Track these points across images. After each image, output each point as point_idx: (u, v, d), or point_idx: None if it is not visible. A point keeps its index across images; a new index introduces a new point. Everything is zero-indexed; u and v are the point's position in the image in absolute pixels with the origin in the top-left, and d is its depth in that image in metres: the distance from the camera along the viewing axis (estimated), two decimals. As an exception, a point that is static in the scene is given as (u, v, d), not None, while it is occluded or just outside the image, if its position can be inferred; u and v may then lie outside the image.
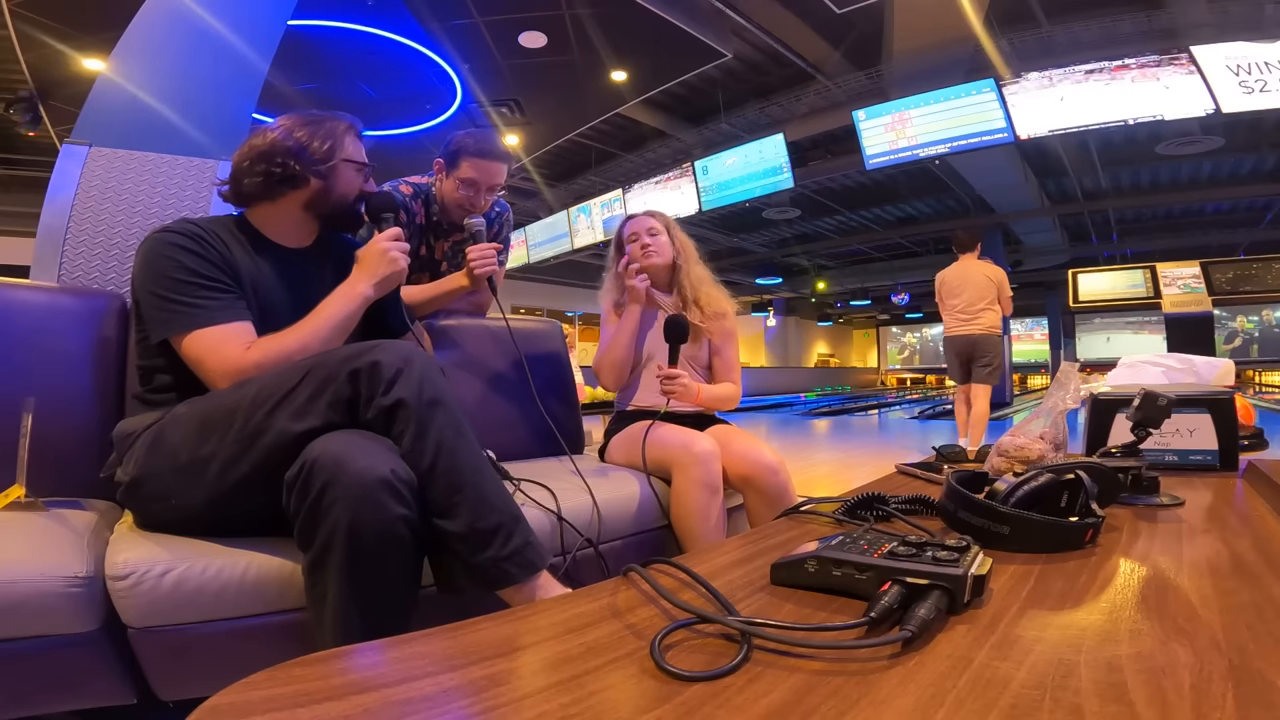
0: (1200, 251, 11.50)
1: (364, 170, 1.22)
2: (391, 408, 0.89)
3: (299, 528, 0.83)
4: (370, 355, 0.90)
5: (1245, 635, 0.46)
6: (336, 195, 1.18)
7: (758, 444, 1.53)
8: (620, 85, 6.80)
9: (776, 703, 0.37)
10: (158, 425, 0.98)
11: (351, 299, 1.11)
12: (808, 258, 14.86)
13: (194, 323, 1.01)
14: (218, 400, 0.95)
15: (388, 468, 0.83)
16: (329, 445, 0.83)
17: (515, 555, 0.90)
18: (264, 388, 0.91)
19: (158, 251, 1.03)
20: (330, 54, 5.89)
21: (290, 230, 1.19)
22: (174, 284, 1.01)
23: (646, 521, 1.42)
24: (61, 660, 0.81)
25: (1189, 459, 1.15)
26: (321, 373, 0.89)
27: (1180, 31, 5.93)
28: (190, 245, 1.03)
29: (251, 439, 0.88)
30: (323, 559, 0.81)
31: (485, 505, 0.90)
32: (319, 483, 0.80)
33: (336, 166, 1.17)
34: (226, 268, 1.06)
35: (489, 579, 0.88)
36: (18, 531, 0.88)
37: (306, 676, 0.41)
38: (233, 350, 1.01)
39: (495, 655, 0.45)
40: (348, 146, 1.19)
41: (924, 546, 0.54)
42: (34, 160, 7.65)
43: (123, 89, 1.97)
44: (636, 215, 1.84)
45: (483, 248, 1.53)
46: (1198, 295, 11.24)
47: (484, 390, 1.73)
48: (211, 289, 1.03)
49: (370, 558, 0.81)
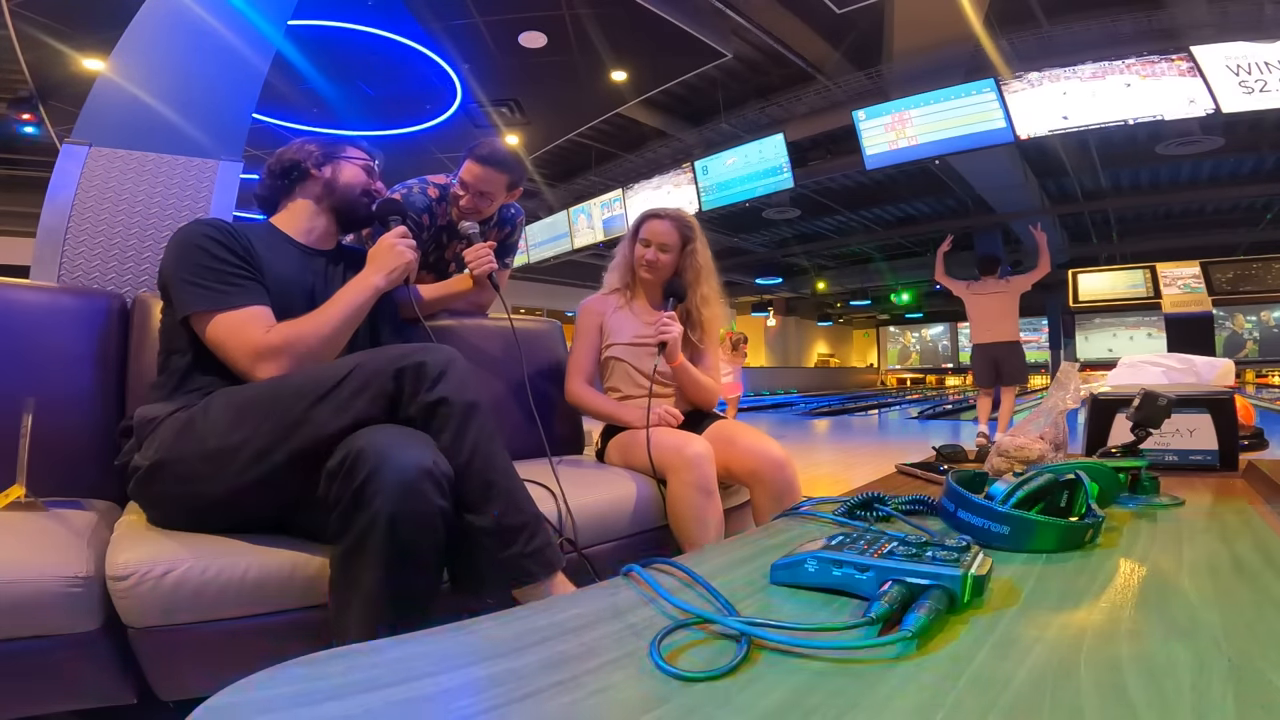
0: (1200, 251, 11.50)
1: (367, 165, 1.33)
2: (434, 404, 0.93)
3: (337, 515, 0.84)
4: (417, 356, 0.94)
5: (1245, 635, 0.46)
6: (342, 185, 1.29)
7: (764, 439, 1.53)
8: (620, 85, 6.80)
9: (776, 703, 0.37)
10: (187, 411, 1.00)
11: (363, 289, 1.17)
12: (808, 258, 14.85)
13: (218, 304, 1.06)
14: (256, 390, 0.98)
15: (430, 460, 0.86)
16: (374, 437, 0.86)
17: (536, 554, 0.94)
18: (307, 380, 0.94)
19: (190, 239, 1.10)
20: (330, 54, 5.89)
21: (309, 230, 1.28)
22: (201, 269, 1.07)
23: (644, 522, 1.42)
24: (61, 660, 0.81)
25: (1189, 459, 1.15)
26: (368, 370, 0.93)
27: (1180, 31, 5.92)
28: (219, 236, 1.10)
29: (290, 430, 0.90)
30: (361, 546, 0.82)
31: (514, 504, 0.95)
32: (363, 472, 0.82)
33: (337, 161, 1.29)
34: (249, 258, 1.13)
35: (511, 573, 0.92)
36: (18, 531, 0.88)
37: (306, 676, 0.41)
38: (254, 332, 1.06)
39: (495, 655, 0.45)
40: (346, 148, 1.32)
41: (924, 546, 0.54)
42: (34, 160, 7.65)
43: (123, 89, 1.96)
44: (660, 217, 1.72)
45: (477, 248, 1.54)
46: (1198, 295, 11.25)
47: (483, 389, 1.73)
48: (237, 275, 1.09)
49: (407, 546, 0.83)
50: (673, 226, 1.71)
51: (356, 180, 1.30)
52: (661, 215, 1.73)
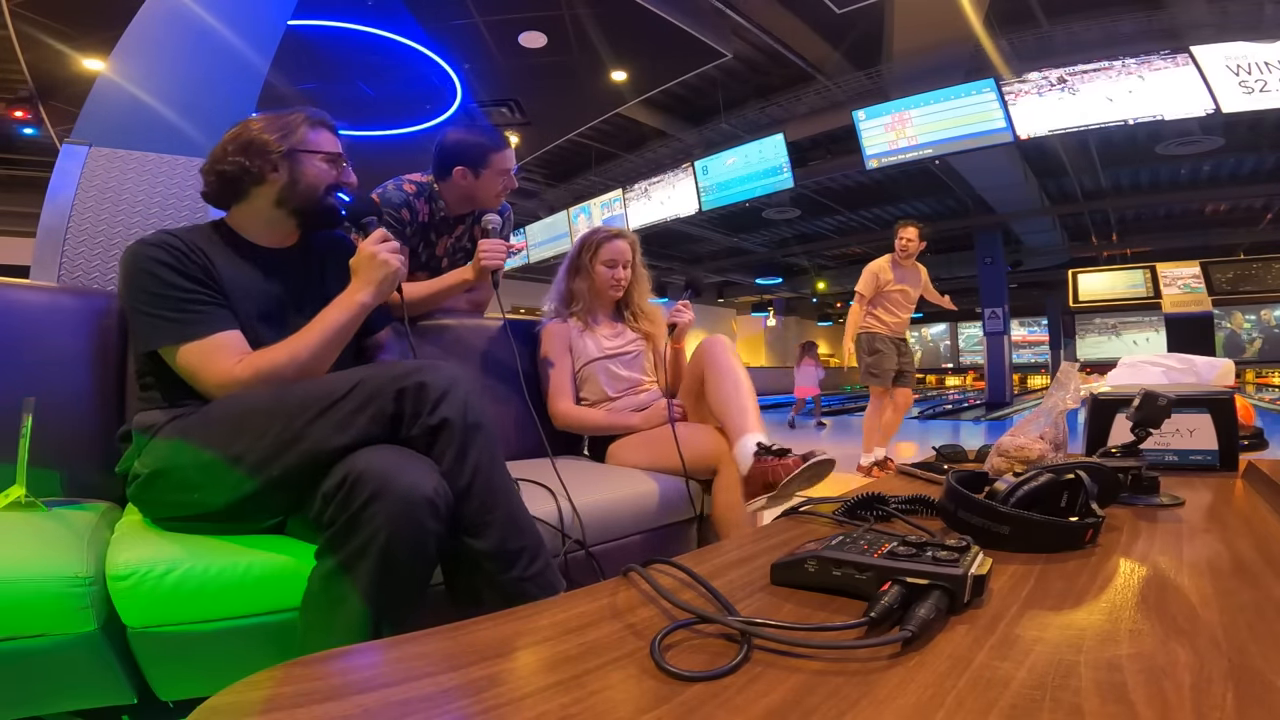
0: (1200, 251, 11.49)
1: (335, 160, 1.17)
2: (436, 427, 0.91)
3: (332, 534, 0.83)
4: (418, 376, 0.92)
5: (1245, 635, 0.46)
6: (303, 186, 1.14)
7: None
8: (620, 85, 6.80)
9: (776, 703, 0.37)
10: (184, 420, 0.98)
11: (349, 308, 1.09)
12: (808, 258, 14.84)
13: (182, 335, 1.01)
14: (255, 401, 0.95)
15: (432, 486, 0.85)
16: (375, 459, 0.84)
17: (537, 577, 0.93)
18: (308, 395, 0.92)
19: (137, 266, 1.02)
20: (330, 54, 5.89)
21: (268, 231, 1.17)
22: (155, 298, 1.01)
23: (645, 522, 1.43)
24: (61, 660, 0.81)
25: (1189, 459, 1.15)
26: (369, 388, 0.91)
27: (1180, 31, 5.93)
28: (167, 259, 1.02)
29: (288, 444, 0.89)
30: (351, 566, 0.81)
31: (514, 527, 0.93)
32: (364, 494, 0.81)
33: (296, 156, 1.13)
34: (207, 278, 1.05)
35: (511, 597, 0.91)
36: (18, 531, 0.88)
37: (306, 676, 0.41)
38: (223, 363, 1.01)
39: (495, 655, 0.45)
40: (305, 136, 1.15)
41: (924, 546, 0.54)
42: (34, 160, 7.64)
43: (123, 89, 1.97)
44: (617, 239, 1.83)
45: (495, 242, 1.55)
46: (1198, 295, 11.24)
47: (481, 389, 1.73)
48: (194, 300, 1.03)
49: (400, 570, 0.82)
50: (628, 245, 1.85)
51: (320, 179, 1.15)
52: (618, 235, 1.85)
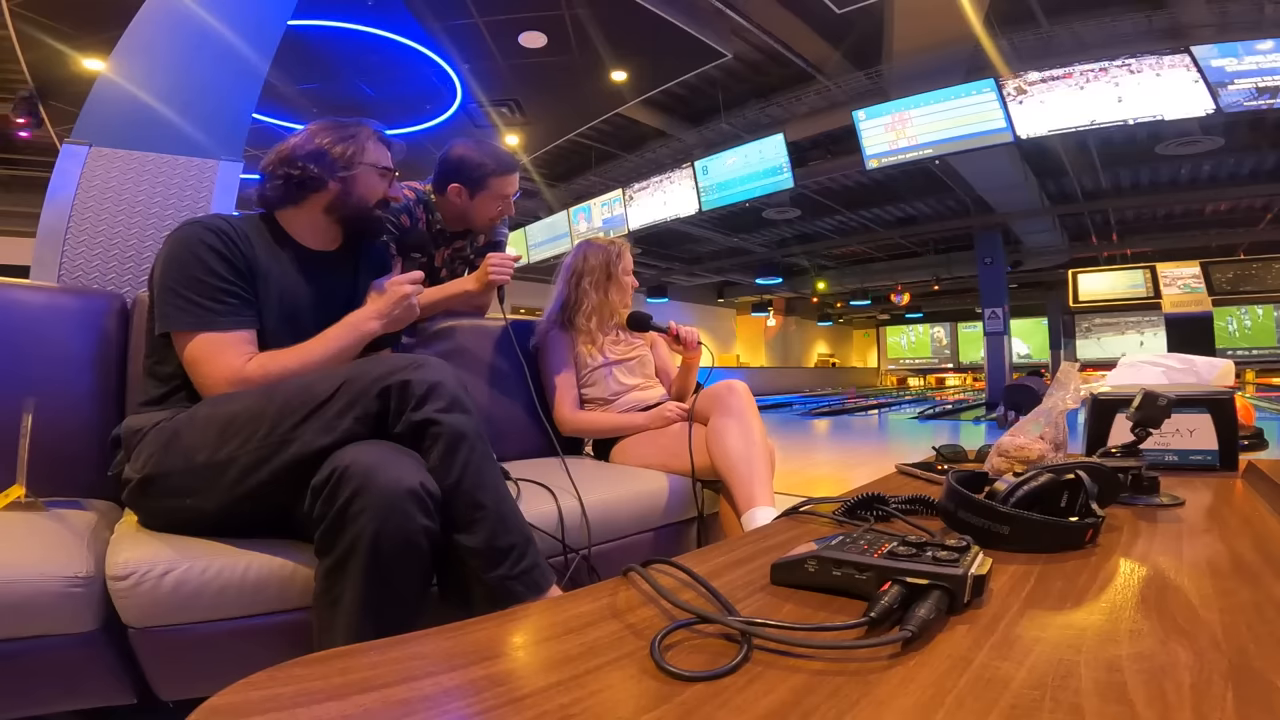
0: (1200, 252, 11.49)
1: (387, 176, 1.23)
2: (421, 424, 0.91)
3: (321, 532, 0.84)
4: (402, 374, 0.92)
5: (1245, 635, 0.46)
6: (356, 198, 1.19)
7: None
8: (620, 85, 6.79)
9: (776, 703, 0.37)
10: (171, 423, 0.98)
11: (357, 330, 1.12)
12: (808, 258, 14.84)
13: (202, 324, 1.02)
14: (242, 404, 0.95)
15: (417, 480, 0.85)
16: (360, 454, 0.85)
17: (524, 575, 0.93)
18: (294, 397, 0.91)
19: (186, 245, 1.04)
20: (330, 54, 5.89)
21: (314, 233, 1.21)
22: (194, 282, 1.03)
23: (646, 522, 1.43)
24: (61, 660, 0.81)
25: (1189, 459, 1.15)
26: (354, 387, 0.91)
27: (1180, 31, 5.92)
28: (217, 244, 1.05)
29: (276, 447, 0.89)
30: (343, 563, 0.82)
31: (503, 525, 0.93)
32: (348, 490, 0.81)
33: (357, 173, 1.18)
34: (248, 270, 1.08)
35: (497, 595, 0.91)
36: (18, 531, 0.88)
37: (306, 676, 0.41)
38: (233, 359, 1.02)
39: (495, 655, 0.45)
40: (370, 152, 1.20)
41: (924, 546, 0.54)
42: (34, 160, 7.64)
43: (123, 89, 1.97)
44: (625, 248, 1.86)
45: (504, 256, 1.57)
46: (1198, 295, 11.25)
47: (484, 390, 1.73)
48: (228, 292, 1.05)
49: (390, 566, 0.82)
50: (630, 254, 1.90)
51: (373, 192, 1.21)
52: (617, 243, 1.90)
